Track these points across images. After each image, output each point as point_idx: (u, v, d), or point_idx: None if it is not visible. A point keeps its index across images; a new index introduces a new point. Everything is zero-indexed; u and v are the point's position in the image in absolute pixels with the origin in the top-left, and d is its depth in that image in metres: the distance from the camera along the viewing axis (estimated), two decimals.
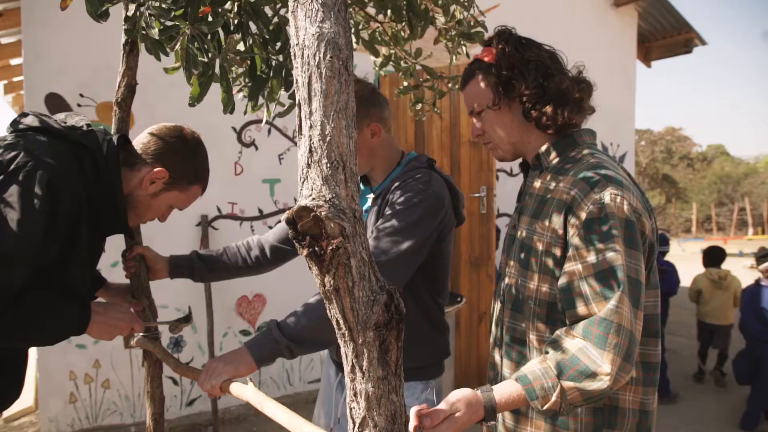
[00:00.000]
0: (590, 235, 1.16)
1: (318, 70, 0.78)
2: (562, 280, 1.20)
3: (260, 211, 4.01)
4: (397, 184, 1.68)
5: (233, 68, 1.61)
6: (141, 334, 1.67)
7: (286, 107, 1.62)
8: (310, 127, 0.78)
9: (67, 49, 3.40)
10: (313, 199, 0.77)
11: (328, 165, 0.77)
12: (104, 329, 1.48)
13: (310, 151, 0.78)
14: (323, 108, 0.78)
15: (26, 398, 4.26)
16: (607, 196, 1.17)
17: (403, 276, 1.58)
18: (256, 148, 3.97)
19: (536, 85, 1.31)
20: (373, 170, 1.79)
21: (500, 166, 4.97)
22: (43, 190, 1.30)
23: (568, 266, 1.19)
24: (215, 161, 1.71)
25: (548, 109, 1.31)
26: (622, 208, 1.16)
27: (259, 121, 3.96)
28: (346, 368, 0.88)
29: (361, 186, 1.85)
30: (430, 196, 1.63)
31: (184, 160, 1.60)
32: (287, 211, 0.77)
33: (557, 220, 1.23)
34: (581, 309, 1.15)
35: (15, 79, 6.10)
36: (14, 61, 5.45)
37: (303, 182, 0.79)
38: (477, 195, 3.98)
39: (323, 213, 0.76)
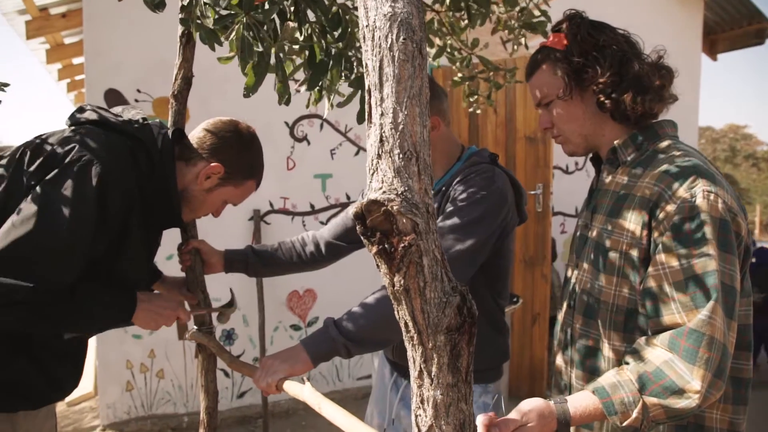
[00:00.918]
0: (679, 237, 1.06)
1: (390, 53, 0.73)
2: (646, 285, 1.10)
3: (312, 206, 4.00)
4: (458, 179, 1.62)
5: (291, 59, 1.58)
6: (195, 327, 1.66)
7: (345, 97, 1.58)
8: (381, 114, 0.73)
9: (125, 46, 3.46)
10: (384, 192, 0.71)
11: (401, 155, 0.72)
12: (149, 317, 1.48)
13: (381, 140, 0.72)
14: (395, 94, 0.72)
15: (86, 384, 4.38)
16: (699, 192, 1.07)
17: (464, 275, 1.51)
18: (309, 143, 3.96)
19: (612, 72, 1.22)
20: (432, 165, 1.72)
21: (556, 162, 4.83)
22: (95, 184, 1.29)
23: (654, 270, 1.09)
24: (268, 156, 1.69)
25: (626, 97, 1.21)
26: (716, 207, 1.06)
27: (314, 116, 3.95)
28: (413, 373, 0.83)
29: None
30: (493, 192, 1.56)
31: (240, 155, 1.58)
32: (354, 205, 0.72)
33: (638, 219, 1.13)
34: (667, 318, 1.06)
35: (77, 77, 6.30)
36: (77, 60, 5.62)
37: (372, 174, 0.73)
38: (533, 192, 3.87)
39: (395, 207, 0.70)
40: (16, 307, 1.20)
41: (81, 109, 1.49)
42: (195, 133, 1.59)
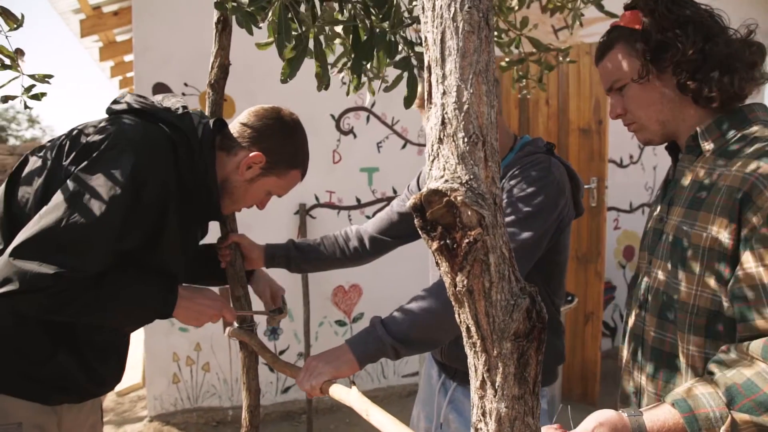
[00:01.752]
0: None
1: (453, 24, 0.64)
2: (735, 286, 0.98)
3: (358, 200, 3.94)
4: (513, 171, 1.52)
5: (331, 43, 1.51)
6: (236, 324, 1.62)
7: (390, 82, 1.50)
8: (443, 93, 0.65)
9: (173, 40, 3.47)
10: (446, 181, 0.63)
11: (465, 139, 0.63)
12: (190, 314, 1.43)
13: (443, 122, 0.64)
14: (460, 70, 0.64)
15: (135, 374, 4.45)
16: None
17: (520, 273, 1.42)
18: (355, 136, 3.90)
19: (695, 49, 1.09)
20: None
21: (609, 155, 4.64)
22: (128, 174, 1.26)
23: (746, 269, 0.97)
24: (314, 149, 1.62)
25: (712, 78, 1.08)
26: None
27: (360, 109, 3.88)
28: (474, 383, 0.74)
29: None
30: (550, 183, 1.46)
31: (282, 143, 1.51)
32: (414, 196, 0.64)
33: (726, 212, 1.01)
34: (760, 322, 0.94)
35: (128, 74, 6.42)
36: (128, 57, 5.72)
37: (433, 161, 0.65)
38: (587, 186, 3.71)
39: (459, 198, 0.62)
40: (38, 293, 1.17)
41: (117, 101, 1.46)
42: (236, 122, 1.54)
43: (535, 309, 0.70)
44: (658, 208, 1.26)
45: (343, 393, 1.16)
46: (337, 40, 1.49)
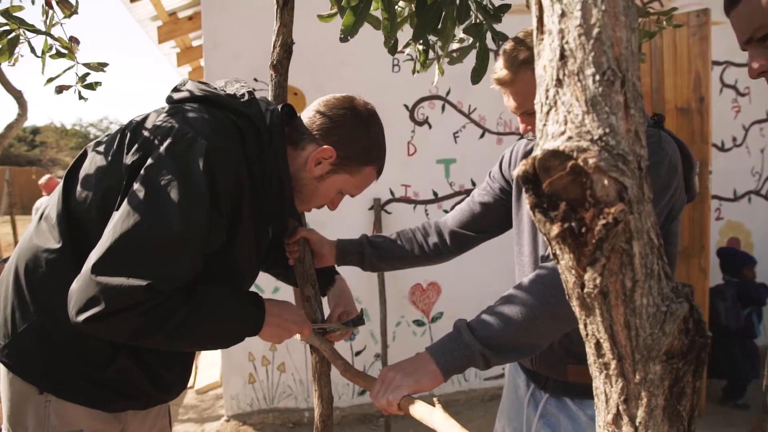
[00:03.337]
0: None
1: None
2: None
3: (435, 193, 3.75)
4: None
5: (397, 7, 1.34)
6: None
7: (461, 51, 1.31)
8: (561, 15, 0.46)
9: (241, 36, 3.41)
10: (570, 138, 0.45)
11: (597, 78, 0.45)
12: (275, 332, 1.30)
13: (563, 56, 0.46)
14: None
15: (215, 372, 4.47)
16: None
17: None
18: (430, 127, 3.71)
19: None
20: None
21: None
22: (202, 165, 1.13)
23: None
24: (387, 141, 1.45)
25: None
26: None
27: (435, 98, 3.69)
28: (603, 415, 0.55)
29: None
30: (661, 161, 1.23)
31: (355, 136, 1.34)
32: (523, 162, 0.46)
33: None
34: None
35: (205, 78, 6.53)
36: (204, 62, 5.80)
37: (548, 112, 0.47)
38: None
39: (590, 161, 0.44)
40: (130, 312, 1.05)
41: (177, 88, 1.35)
42: (306, 113, 1.39)
43: (693, 318, 0.50)
44: None
45: (425, 412, 0.98)
46: (401, 3, 1.31)
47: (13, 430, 1.29)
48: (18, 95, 4.48)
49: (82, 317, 1.05)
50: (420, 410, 0.99)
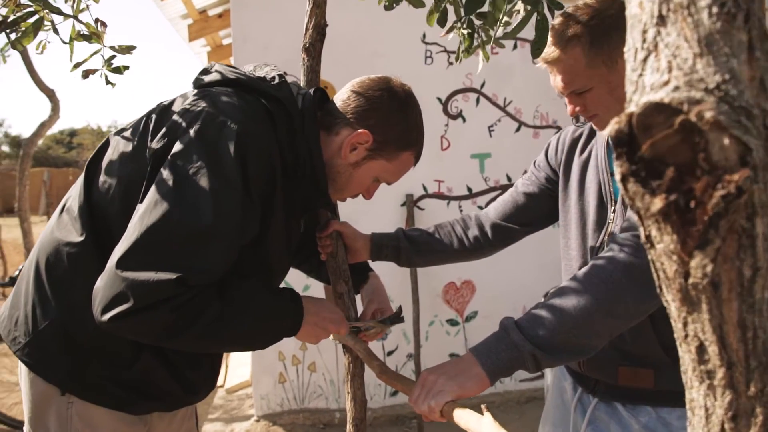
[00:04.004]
0: None
1: None
2: None
3: (469, 189, 3.64)
4: None
5: None
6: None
7: (513, 26, 1.21)
8: None
9: (271, 29, 3.36)
10: (677, 87, 0.36)
11: (714, 10, 0.35)
12: (312, 331, 1.23)
13: None
14: None
15: (245, 371, 4.43)
16: None
17: None
18: (464, 120, 3.60)
19: None
20: None
21: None
22: (233, 150, 1.06)
23: None
24: None
25: None
26: None
27: (469, 90, 3.58)
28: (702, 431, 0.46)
29: (611, 140, 1.37)
30: None
31: (392, 119, 1.27)
32: (616, 119, 0.37)
33: None
34: None
35: None
36: (233, 58, 5.80)
37: (645, 58, 0.38)
38: None
39: (706, 115, 0.34)
40: (160, 308, 0.99)
41: (206, 70, 1.28)
42: (339, 95, 1.31)
43: None
44: None
45: (471, 420, 0.89)
46: None
47: None
48: (50, 94, 4.55)
49: (108, 315, 0.98)
50: (466, 418, 0.90)
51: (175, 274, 0.97)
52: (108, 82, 1.32)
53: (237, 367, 4.62)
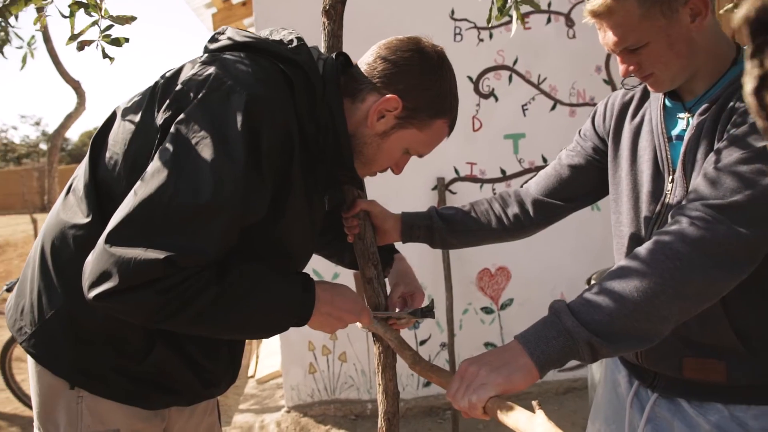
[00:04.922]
0: None
1: None
2: None
3: (503, 171, 3.48)
4: (739, 99, 1.05)
5: None
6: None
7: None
8: None
9: (293, 17, 3.25)
10: None
11: None
12: (325, 321, 1.12)
13: None
14: None
15: (275, 361, 4.38)
16: None
17: (764, 234, 0.94)
18: (496, 99, 3.44)
19: None
20: (693, 76, 1.15)
21: None
22: (242, 119, 0.96)
23: None
24: None
25: None
26: None
27: (501, 68, 3.42)
28: None
29: (668, 102, 1.22)
30: None
31: (424, 83, 1.14)
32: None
33: None
34: None
35: None
36: None
37: None
38: None
39: None
40: (147, 289, 0.90)
41: (217, 36, 1.17)
42: (364, 59, 1.19)
43: None
44: None
45: (521, 420, 0.76)
46: None
47: (43, 428, 1.16)
48: (76, 85, 4.54)
49: (93, 293, 0.90)
50: (514, 416, 0.77)
51: (165, 253, 0.88)
52: (105, 56, 1.23)
53: (267, 356, 4.57)
